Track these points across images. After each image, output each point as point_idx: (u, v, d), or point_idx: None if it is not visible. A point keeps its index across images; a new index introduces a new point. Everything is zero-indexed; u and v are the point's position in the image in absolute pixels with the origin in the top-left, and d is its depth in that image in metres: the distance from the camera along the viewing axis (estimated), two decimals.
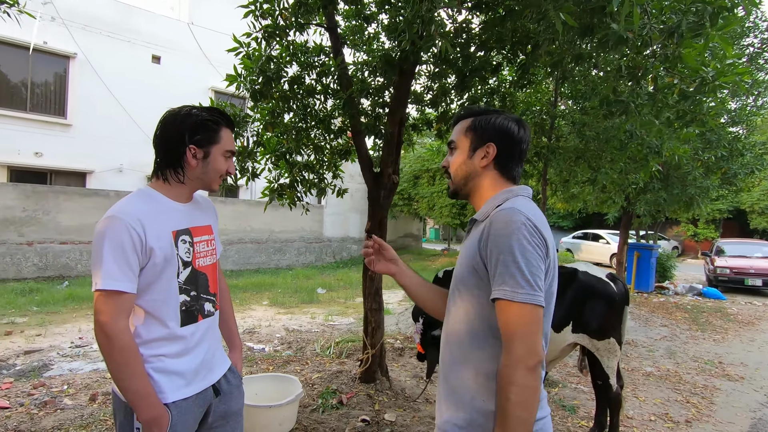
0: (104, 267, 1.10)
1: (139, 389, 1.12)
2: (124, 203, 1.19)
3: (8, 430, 2.51)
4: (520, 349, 0.91)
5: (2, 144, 9.86)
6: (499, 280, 0.94)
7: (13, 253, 8.71)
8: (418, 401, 3.26)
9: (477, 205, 1.15)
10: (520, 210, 0.98)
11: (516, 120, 1.12)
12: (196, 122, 1.25)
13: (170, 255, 1.21)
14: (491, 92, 3.72)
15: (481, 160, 1.10)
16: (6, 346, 4.84)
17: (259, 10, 2.72)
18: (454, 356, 1.07)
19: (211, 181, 1.32)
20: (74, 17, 10.62)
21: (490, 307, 0.99)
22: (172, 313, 1.23)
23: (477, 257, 1.01)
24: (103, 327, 1.10)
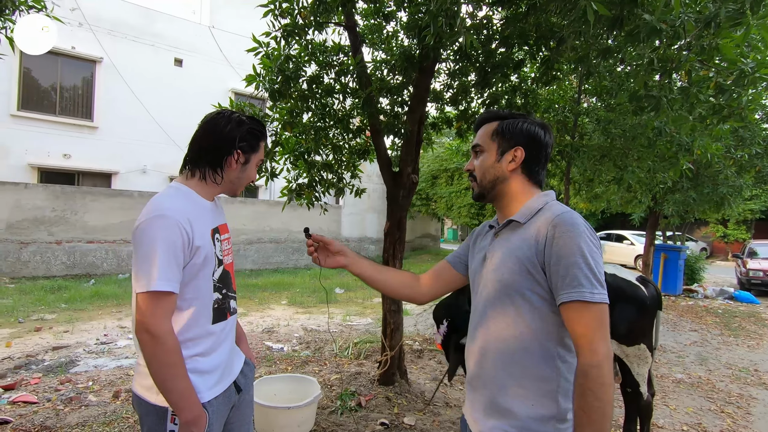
0: (159, 267, 1.08)
1: (183, 390, 1.12)
2: (170, 201, 1.17)
3: (35, 425, 2.57)
4: (603, 348, 0.92)
5: (33, 146, 10.23)
6: (573, 282, 0.94)
7: (43, 251, 9.01)
8: (438, 405, 3.20)
9: (504, 208, 1.14)
10: (578, 214, 1.00)
11: (541, 124, 1.13)
12: (247, 131, 1.30)
13: (210, 253, 1.23)
14: (513, 89, 3.62)
15: (509, 163, 1.11)
16: (36, 341, 4.99)
17: (278, 9, 2.71)
18: (496, 363, 1.04)
19: (240, 186, 1.35)
20: (100, 23, 10.93)
21: (547, 309, 0.99)
22: (205, 311, 1.23)
23: (533, 261, 1.00)
24: (150, 328, 1.08)
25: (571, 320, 0.95)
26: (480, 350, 1.08)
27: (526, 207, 1.09)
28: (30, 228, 8.89)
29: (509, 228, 1.10)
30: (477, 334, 1.11)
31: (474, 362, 1.10)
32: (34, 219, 8.92)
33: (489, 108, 3.39)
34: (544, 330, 1.01)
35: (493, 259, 1.09)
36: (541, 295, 1.00)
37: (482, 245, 1.19)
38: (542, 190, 1.15)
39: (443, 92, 3.72)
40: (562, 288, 0.95)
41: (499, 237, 1.12)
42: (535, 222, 1.04)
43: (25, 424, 2.60)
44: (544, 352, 1.00)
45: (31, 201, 8.90)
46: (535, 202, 1.08)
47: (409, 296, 1.34)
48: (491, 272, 1.08)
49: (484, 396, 1.06)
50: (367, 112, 2.96)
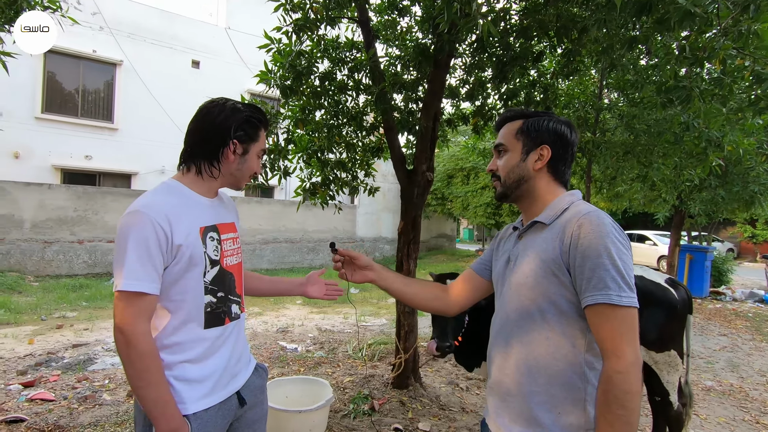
0: (127, 266, 1.03)
1: (157, 399, 1.04)
2: (149, 197, 1.11)
3: (48, 425, 2.57)
4: (631, 354, 0.88)
5: (56, 148, 10.49)
6: (599, 284, 0.89)
7: (65, 250, 9.23)
8: (453, 410, 3.10)
9: (528, 209, 1.10)
10: (605, 214, 0.95)
11: (567, 123, 1.09)
12: (243, 118, 1.21)
13: (198, 253, 1.13)
14: (532, 84, 3.50)
15: (535, 162, 1.07)
16: (57, 339, 5.08)
17: (290, 3, 2.65)
18: (520, 369, 0.99)
19: (242, 178, 1.27)
20: (120, 26, 11.15)
21: (574, 312, 0.95)
22: (195, 315, 1.15)
23: (557, 262, 0.95)
24: (123, 330, 1.02)
25: (596, 324, 0.91)
26: (503, 355, 1.04)
27: (550, 207, 1.04)
28: (53, 228, 9.12)
29: (533, 229, 1.06)
30: (500, 339, 1.06)
31: (496, 367, 1.06)
32: (57, 219, 9.15)
33: (507, 103, 3.27)
34: (571, 335, 0.95)
35: (516, 261, 1.05)
36: (567, 299, 0.95)
37: (506, 248, 1.14)
38: (567, 190, 1.10)
39: (459, 87, 3.61)
40: (587, 290, 0.91)
41: (523, 239, 1.08)
42: (560, 222, 0.99)
43: (39, 423, 2.61)
44: (571, 359, 0.95)
45: (54, 201, 9.12)
46: (560, 202, 1.04)
47: (439, 308, 1.31)
48: (515, 275, 1.03)
49: (508, 403, 1.01)
50: (380, 108, 2.89)
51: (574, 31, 2.74)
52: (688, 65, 2.26)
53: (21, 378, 3.70)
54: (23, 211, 8.81)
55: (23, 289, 7.68)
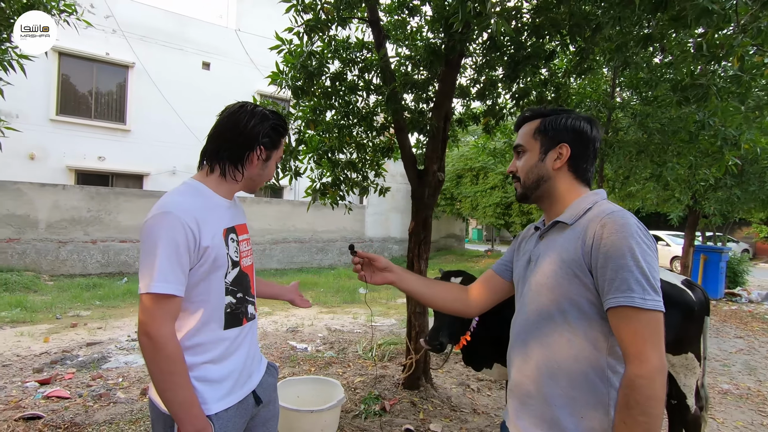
0: (159, 268, 1.02)
1: (184, 400, 1.05)
2: (177, 198, 1.11)
3: (65, 422, 2.61)
4: (655, 359, 0.85)
5: (70, 149, 10.66)
6: (623, 287, 0.87)
7: (79, 250, 9.38)
8: (465, 411, 3.08)
9: (550, 209, 1.08)
10: (630, 214, 0.93)
11: (587, 119, 1.06)
12: (271, 126, 1.24)
13: (221, 254, 1.14)
14: (544, 83, 3.46)
15: (554, 161, 1.05)
16: (71, 337, 5.16)
17: (301, 4, 2.66)
18: (542, 372, 0.98)
19: (260, 183, 1.30)
20: (133, 29, 11.29)
21: (596, 315, 0.93)
22: (216, 316, 1.16)
23: (579, 263, 0.93)
24: (150, 333, 1.02)
25: (619, 327, 0.88)
26: (524, 358, 1.03)
27: (573, 207, 1.02)
28: (68, 228, 9.27)
29: (555, 229, 1.04)
30: (520, 341, 1.05)
31: (517, 370, 1.05)
32: (71, 219, 9.29)
33: (519, 102, 3.25)
34: (593, 338, 0.93)
35: (538, 262, 1.03)
36: (589, 300, 0.93)
37: (527, 248, 1.12)
38: (590, 189, 1.08)
39: (469, 87, 3.59)
40: (610, 292, 0.88)
41: (544, 239, 1.06)
42: (583, 222, 0.97)
43: (56, 420, 2.65)
44: (593, 362, 0.93)
45: (68, 202, 9.27)
46: (583, 202, 1.02)
47: (459, 310, 1.29)
48: (536, 276, 1.02)
49: (528, 405, 1.00)
50: (391, 108, 2.88)
51: (587, 29, 2.71)
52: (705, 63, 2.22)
53: (37, 375, 3.77)
54: (38, 212, 8.97)
55: (39, 288, 7.82)
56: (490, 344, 2.50)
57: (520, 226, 15.03)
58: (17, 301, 6.61)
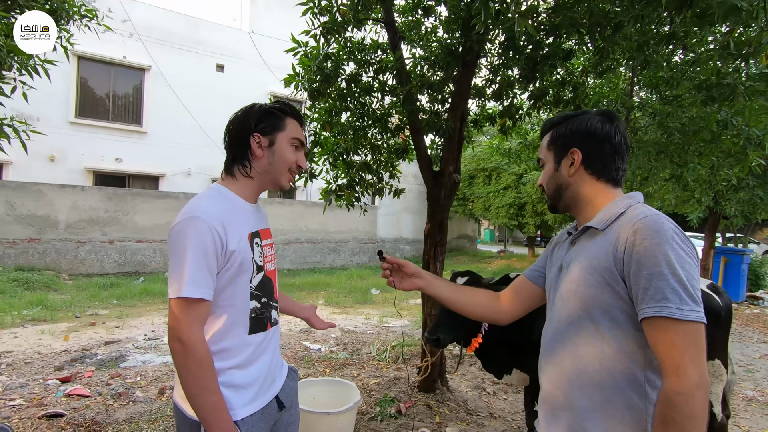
0: (189, 272, 1.02)
1: (214, 406, 1.05)
2: (204, 203, 1.11)
3: (86, 420, 2.66)
4: (694, 374, 0.79)
5: (89, 151, 10.88)
6: (657, 296, 0.82)
7: (97, 250, 9.56)
8: (482, 415, 3.05)
9: (580, 214, 1.05)
10: (666, 217, 0.88)
11: (600, 114, 1.03)
12: (260, 110, 1.21)
13: (247, 259, 1.14)
14: (561, 82, 3.41)
15: (569, 168, 1.03)
16: (90, 336, 5.26)
17: (318, 6, 2.67)
18: (574, 385, 0.94)
19: (279, 174, 1.23)
20: (149, 32, 11.48)
21: (631, 326, 0.88)
22: (241, 321, 1.15)
23: (611, 271, 0.89)
24: (181, 338, 1.02)
25: (654, 339, 0.83)
26: (556, 369, 0.99)
27: (604, 211, 0.98)
28: (86, 228, 9.46)
29: (586, 235, 1.00)
30: (552, 351, 1.02)
31: (548, 381, 1.02)
32: (89, 219, 9.48)
33: (536, 103, 3.20)
34: (628, 350, 0.89)
35: (569, 269, 0.99)
36: (623, 310, 0.89)
37: (559, 254, 1.09)
38: (621, 189, 1.03)
39: (485, 87, 3.56)
40: (644, 301, 0.84)
41: (575, 245, 1.02)
42: (615, 228, 0.92)
43: (78, 418, 2.70)
44: (629, 376, 0.88)
45: (86, 202, 9.46)
46: (616, 206, 0.97)
47: (490, 317, 1.26)
48: (567, 284, 0.98)
49: (558, 418, 0.97)
50: (407, 109, 2.87)
51: (607, 27, 2.66)
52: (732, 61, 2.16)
53: (58, 373, 3.84)
54: (58, 212, 9.17)
55: (58, 287, 7.99)
56: (508, 349, 2.47)
57: (533, 227, 14.87)
58: (38, 299, 6.76)
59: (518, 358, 2.45)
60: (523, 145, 5.22)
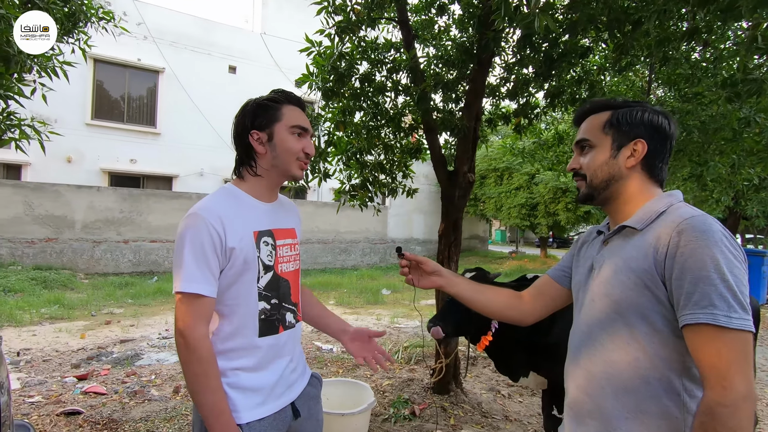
0: (184, 268, 1.03)
1: (214, 405, 1.03)
2: (206, 200, 1.12)
3: (103, 418, 2.68)
4: (741, 385, 0.74)
5: (104, 152, 11.06)
6: (703, 302, 0.77)
7: (112, 250, 9.71)
8: (497, 417, 3.01)
9: (617, 211, 0.98)
10: (713, 218, 0.82)
11: (664, 113, 0.96)
12: (254, 105, 1.19)
13: (251, 257, 1.12)
14: (577, 80, 3.35)
15: (628, 159, 0.95)
16: (106, 334, 5.33)
17: (332, 6, 2.66)
18: (605, 392, 0.90)
19: (286, 165, 1.18)
20: (163, 35, 11.63)
21: (670, 332, 0.83)
22: (250, 322, 1.13)
23: (651, 274, 0.84)
24: (183, 333, 1.03)
25: (698, 347, 0.78)
26: (585, 374, 0.94)
27: (643, 210, 0.92)
28: (102, 228, 9.61)
29: (622, 235, 0.95)
30: (581, 355, 0.97)
31: (576, 386, 0.97)
32: (105, 219, 9.63)
33: (552, 101, 3.15)
34: (666, 357, 0.84)
35: (601, 270, 0.94)
36: (662, 315, 0.84)
37: (588, 254, 1.03)
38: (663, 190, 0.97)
39: (500, 86, 3.52)
40: (688, 307, 0.78)
41: (609, 245, 0.97)
42: (656, 228, 0.87)
43: (95, 415, 2.72)
44: (665, 384, 0.83)
45: (102, 203, 9.62)
46: (656, 204, 0.91)
47: (513, 318, 1.20)
48: (599, 286, 0.93)
49: (587, 426, 0.92)
50: (422, 108, 2.84)
51: (626, 23, 2.60)
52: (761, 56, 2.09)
53: (75, 371, 3.90)
54: (75, 213, 9.34)
55: (75, 286, 8.13)
56: (525, 351, 2.43)
57: (545, 228, 14.72)
58: (56, 298, 6.89)
59: (535, 360, 2.41)
60: (537, 145, 5.16)
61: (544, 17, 1.46)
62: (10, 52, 2.26)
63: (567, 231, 16.72)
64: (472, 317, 2.31)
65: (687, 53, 3.77)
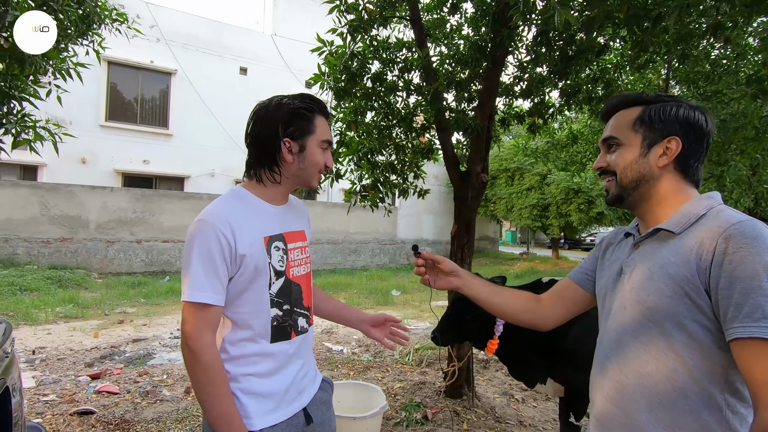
0: (191, 276, 1.01)
1: (222, 413, 1.01)
2: (215, 205, 1.08)
3: (115, 418, 2.69)
4: None
5: (118, 153, 11.21)
6: (756, 314, 0.71)
7: (125, 249, 9.82)
8: (511, 423, 2.95)
9: (649, 213, 0.92)
10: (763, 223, 0.77)
11: (700, 109, 0.89)
12: (289, 112, 1.11)
13: (262, 263, 1.08)
14: (594, 78, 3.28)
15: (660, 158, 0.89)
16: (119, 333, 5.39)
17: (344, 5, 2.64)
18: (639, 405, 0.84)
19: (309, 177, 1.17)
20: (175, 37, 11.76)
21: (712, 343, 0.78)
22: (262, 329, 1.10)
23: (692, 282, 0.78)
24: (188, 341, 1.01)
25: (749, 363, 0.72)
26: (615, 385, 0.89)
27: (681, 213, 0.86)
28: (115, 228, 9.73)
29: (656, 238, 0.88)
30: (609, 365, 0.91)
31: (605, 397, 0.91)
32: (118, 220, 9.76)
33: (569, 99, 3.09)
34: (707, 370, 0.78)
35: (633, 275, 0.88)
36: (703, 325, 0.78)
37: (616, 257, 0.97)
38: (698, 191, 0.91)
39: (513, 85, 3.46)
40: (737, 320, 0.72)
41: (640, 248, 0.91)
42: (696, 232, 0.81)
43: (107, 415, 2.73)
44: (706, 399, 0.78)
45: (116, 203, 9.74)
46: (695, 207, 0.85)
47: (530, 322, 1.14)
48: (630, 292, 0.87)
49: None
50: (435, 108, 2.81)
51: (646, 20, 2.53)
52: None
53: (88, 370, 3.93)
54: (89, 213, 9.47)
55: (89, 285, 8.24)
56: (540, 355, 2.37)
57: (557, 229, 14.54)
58: (70, 297, 6.98)
59: (552, 366, 2.35)
60: (550, 144, 5.08)
61: (564, 12, 1.41)
62: (25, 53, 2.27)
63: (579, 232, 16.51)
64: (472, 325, 2.27)
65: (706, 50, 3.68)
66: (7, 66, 2.26)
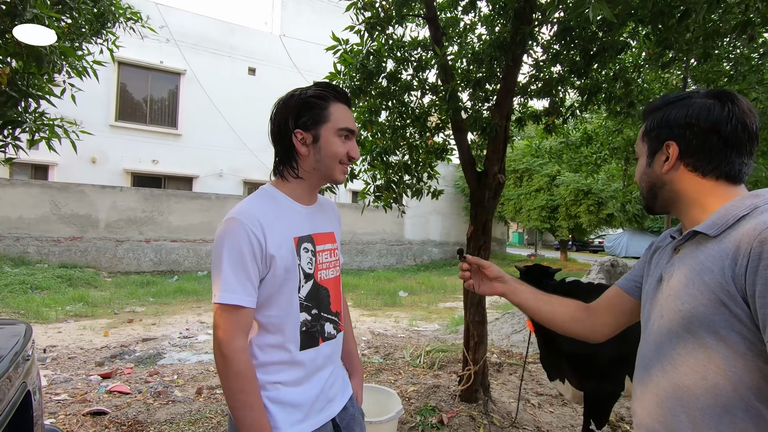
0: (223, 278, 0.97)
1: (253, 422, 0.97)
2: (245, 203, 1.05)
3: (128, 418, 2.67)
4: None
5: (127, 153, 11.27)
6: None
7: (134, 249, 9.86)
8: (528, 428, 2.89)
9: (684, 216, 0.88)
10: None
11: (713, 97, 0.83)
12: (299, 102, 1.08)
13: (291, 265, 1.04)
14: (614, 77, 3.21)
15: (663, 165, 0.88)
16: (128, 332, 5.39)
17: (362, 2, 2.60)
18: (679, 419, 0.78)
19: (329, 169, 1.11)
20: (185, 38, 11.81)
21: (755, 355, 0.71)
22: (291, 334, 1.06)
23: (727, 289, 0.72)
24: (220, 345, 0.97)
25: None
26: (655, 397, 0.84)
27: (719, 214, 0.79)
28: (124, 227, 9.78)
29: (694, 242, 0.83)
30: (649, 377, 0.86)
31: (644, 410, 0.86)
32: (127, 219, 9.80)
33: (589, 98, 3.02)
34: (751, 384, 0.72)
35: (671, 281, 0.83)
36: (744, 336, 0.72)
37: (659, 263, 0.92)
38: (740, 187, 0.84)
39: (530, 84, 3.40)
40: None
41: (680, 252, 0.85)
42: (734, 234, 0.75)
43: (120, 416, 2.71)
44: (752, 415, 0.72)
45: (125, 203, 9.78)
46: (736, 207, 0.79)
47: (579, 333, 1.09)
48: (668, 300, 0.82)
49: None
50: (451, 107, 2.76)
51: (671, 17, 2.47)
52: None
53: (99, 369, 3.93)
54: (99, 212, 9.52)
55: (98, 284, 8.27)
56: (563, 357, 2.32)
57: (566, 231, 14.41)
58: (80, 296, 7.01)
59: (572, 369, 2.30)
60: (564, 145, 5.00)
61: (599, 6, 1.35)
62: (43, 51, 2.26)
63: (587, 234, 16.34)
64: None
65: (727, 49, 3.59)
66: (24, 64, 2.25)
